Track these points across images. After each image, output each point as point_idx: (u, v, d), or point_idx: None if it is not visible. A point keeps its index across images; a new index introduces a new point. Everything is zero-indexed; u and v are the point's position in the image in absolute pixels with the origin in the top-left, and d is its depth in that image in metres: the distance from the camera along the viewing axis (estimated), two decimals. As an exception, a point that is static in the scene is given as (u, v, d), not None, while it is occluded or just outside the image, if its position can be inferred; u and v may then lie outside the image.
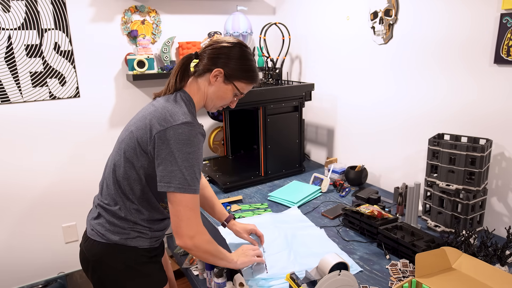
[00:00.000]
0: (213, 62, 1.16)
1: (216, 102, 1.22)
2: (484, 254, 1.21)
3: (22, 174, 2.12)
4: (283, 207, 1.76)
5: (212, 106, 1.24)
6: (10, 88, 2.00)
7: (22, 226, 2.18)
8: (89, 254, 1.19)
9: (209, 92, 1.20)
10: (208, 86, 1.19)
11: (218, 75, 1.16)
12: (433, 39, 1.62)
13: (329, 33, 2.23)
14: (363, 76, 2.03)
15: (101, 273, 1.18)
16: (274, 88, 1.99)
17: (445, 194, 1.43)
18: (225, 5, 2.53)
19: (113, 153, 1.21)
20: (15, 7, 1.94)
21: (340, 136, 2.28)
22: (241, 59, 1.18)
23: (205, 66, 1.17)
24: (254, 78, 1.23)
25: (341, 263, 1.08)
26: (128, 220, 1.17)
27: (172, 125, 1.05)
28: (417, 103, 1.74)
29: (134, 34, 2.25)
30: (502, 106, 1.41)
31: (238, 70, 1.18)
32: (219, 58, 1.16)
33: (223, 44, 1.17)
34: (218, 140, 2.55)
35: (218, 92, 1.19)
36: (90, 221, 1.22)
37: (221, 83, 1.18)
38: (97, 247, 1.17)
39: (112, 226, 1.17)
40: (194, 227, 1.08)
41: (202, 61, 1.19)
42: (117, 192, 1.17)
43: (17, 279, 2.23)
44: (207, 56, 1.17)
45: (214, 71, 1.15)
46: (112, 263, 1.17)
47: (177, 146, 1.04)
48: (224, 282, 1.79)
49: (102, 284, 1.19)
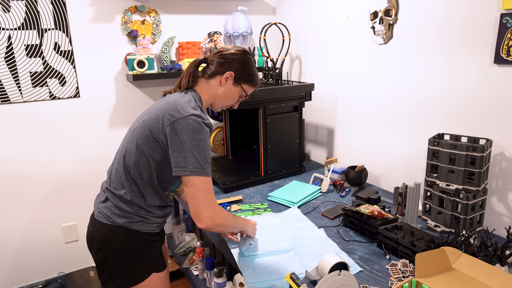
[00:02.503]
0: (225, 66, 1.31)
1: (224, 102, 1.37)
2: (484, 254, 1.21)
3: (21, 174, 2.12)
4: (283, 207, 1.76)
5: (219, 105, 1.38)
6: (10, 88, 2.00)
7: (22, 226, 2.18)
8: (95, 234, 1.29)
9: (219, 92, 1.34)
10: (218, 87, 1.33)
11: (229, 78, 1.32)
12: (433, 39, 1.62)
13: (329, 33, 2.23)
14: (363, 76, 2.03)
15: (105, 252, 1.28)
16: (274, 88, 1.99)
17: (445, 194, 1.43)
18: (225, 5, 2.53)
19: (124, 141, 1.31)
20: (15, 7, 1.94)
21: (340, 136, 2.28)
22: (248, 65, 1.35)
23: (216, 69, 1.32)
24: (257, 82, 1.41)
25: (341, 263, 1.08)
26: (133, 204, 1.27)
27: (183, 116, 1.16)
28: (417, 103, 1.74)
29: (134, 34, 2.25)
30: (502, 106, 1.41)
31: (246, 73, 1.34)
32: (230, 63, 1.32)
33: (232, 51, 1.34)
34: (218, 140, 2.55)
35: (228, 93, 1.34)
36: (98, 204, 1.33)
37: (231, 84, 1.33)
38: (103, 228, 1.27)
39: (118, 209, 1.27)
40: (212, 207, 1.17)
41: (212, 65, 1.33)
42: (126, 177, 1.26)
43: (17, 279, 2.23)
44: (218, 60, 1.32)
45: (226, 74, 1.31)
46: (116, 244, 1.27)
47: (189, 134, 1.14)
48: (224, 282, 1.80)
49: (105, 262, 1.29)
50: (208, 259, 2.01)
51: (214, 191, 1.87)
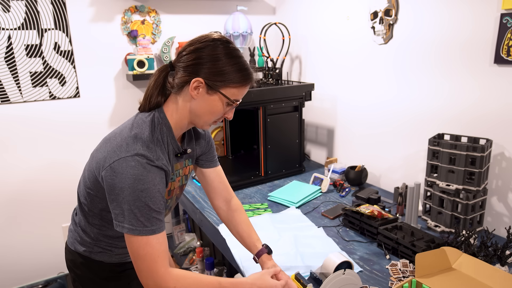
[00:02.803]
0: (190, 71, 0.94)
1: (206, 118, 1.00)
2: (484, 254, 1.21)
3: (22, 174, 2.12)
4: (283, 207, 1.76)
5: (204, 123, 1.02)
6: (10, 88, 2.00)
7: (22, 226, 2.18)
8: (65, 256, 1.20)
9: (193, 108, 0.98)
10: (189, 102, 0.98)
11: (199, 86, 0.95)
12: (433, 39, 1.62)
13: (329, 33, 2.23)
14: (363, 76, 2.03)
15: (74, 275, 1.18)
16: (274, 88, 1.99)
17: (445, 194, 1.43)
18: (225, 5, 2.53)
19: None
20: (15, 7, 1.94)
21: (340, 136, 2.28)
22: (224, 59, 0.94)
23: (182, 78, 0.95)
24: (245, 79, 0.98)
25: (345, 262, 1.08)
26: (88, 234, 1.09)
27: (124, 157, 0.90)
28: (417, 103, 1.74)
29: (134, 34, 2.25)
30: (502, 106, 1.41)
31: (222, 73, 0.94)
32: (196, 65, 0.94)
33: (197, 45, 0.95)
34: (218, 140, 2.55)
35: (204, 107, 0.97)
36: (69, 226, 1.20)
37: (205, 94, 0.96)
38: (69, 253, 1.16)
39: (79, 236, 1.12)
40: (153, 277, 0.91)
41: (178, 73, 0.97)
42: (79, 204, 1.09)
43: (17, 279, 2.23)
44: (182, 64, 0.96)
45: (192, 82, 0.94)
46: (79, 271, 1.14)
47: (128, 182, 0.89)
48: (224, 282, 1.78)
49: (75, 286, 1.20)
50: (208, 259, 2.01)
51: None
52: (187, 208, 1.96)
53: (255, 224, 1.53)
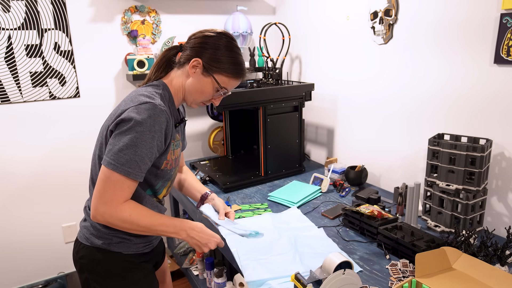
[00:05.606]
0: (194, 52, 1.10)
1: (196, 96, 1.14)
2: (484, 254, 1.21)
3: (22, 174, 2.12)
4: (283, 207, 1.76)
5: (192, 101, 1.16)
6: (10, 88, 2.00)
7: (22, 226, 2.18)
8: (77, 256, 1.17)
9: (187, 84, 1.12)
10: (186, 78, 1.12)
11: (197, 66, 1.10)
12: (433, 39, 1.62)
13: (329, 33, 2.23)
14: (363, 76, 2.03)
15: (88, 274, 1.16)
16: (274, 88, 1.99)
17: (445, 194, 1.43)
18: (225, 5, 2.53)
19: None
20: (15, 7, 1.94)
21: (340, 136, 2.28)
22: (224, 50, 1.10)
23: (186, 56, 1.11)
24: (238, 72, 1.13)
25: (345, 262, 1.08)
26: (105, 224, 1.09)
27: (134, 105, 1.01)
28: (417, 103, 1.74)
29: (134, 34, 2.25)
30: (502, 106, 1.41)
31: (219, 61, 1.09)
32: (202, 48, 1.09)
33: (206, 33, 1.11)
34: (218, 140, 2.55)
35: (197, 85, 1.11)
36: (80, 223, 1.21)
37: (200, 75, 1.10)
38: (83, 250, 1.15)
39: (95, 230, 1.13)
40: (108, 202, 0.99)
41: (185, 52, 1.13)
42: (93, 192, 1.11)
43: (17, 279, 2.23)
44: (190, 46, 1.12)
45: (192, 61, 1.09)
46: (96, 266, 1.14)
47: (130, 124, 0.98)
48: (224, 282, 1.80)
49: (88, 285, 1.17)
50: (208, 259, 2.01)
51: (214, 191, 1.87)
52: (187, 208, 1.96)
53: (255, 224, 1.54)
